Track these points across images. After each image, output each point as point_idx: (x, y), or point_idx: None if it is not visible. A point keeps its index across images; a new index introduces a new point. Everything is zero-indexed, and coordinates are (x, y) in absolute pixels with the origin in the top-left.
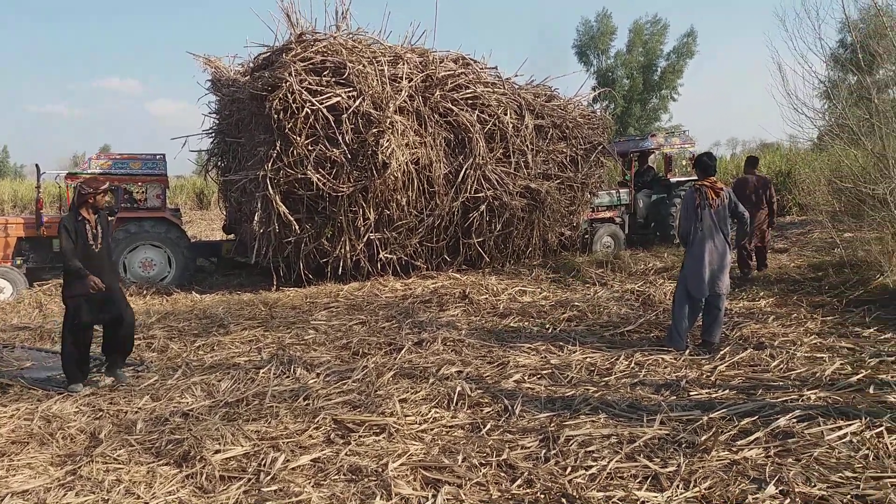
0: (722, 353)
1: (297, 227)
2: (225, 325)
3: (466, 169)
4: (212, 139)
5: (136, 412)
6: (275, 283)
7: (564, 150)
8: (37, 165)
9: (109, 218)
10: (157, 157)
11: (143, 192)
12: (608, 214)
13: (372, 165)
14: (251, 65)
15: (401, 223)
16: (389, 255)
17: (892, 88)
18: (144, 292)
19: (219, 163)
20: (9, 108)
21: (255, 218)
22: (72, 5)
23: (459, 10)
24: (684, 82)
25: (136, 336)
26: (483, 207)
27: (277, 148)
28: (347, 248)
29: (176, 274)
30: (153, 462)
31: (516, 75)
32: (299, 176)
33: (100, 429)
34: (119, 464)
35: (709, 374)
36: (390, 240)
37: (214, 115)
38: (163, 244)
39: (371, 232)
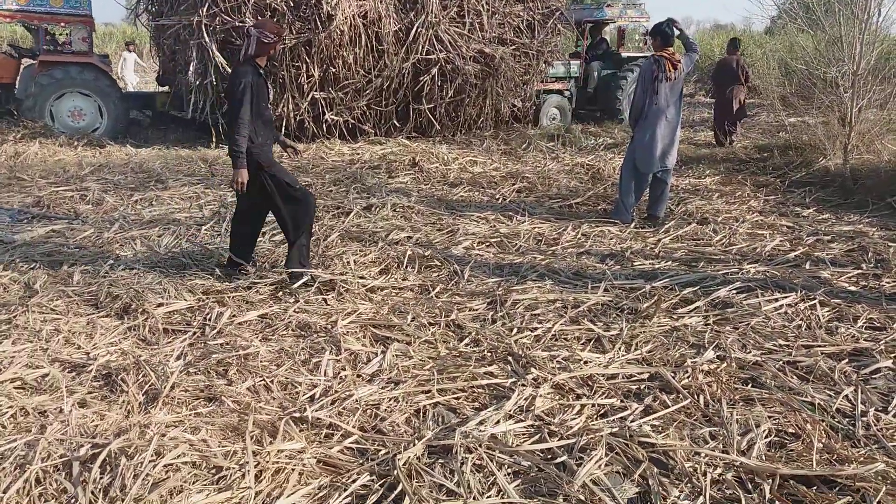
0: (666, 226)
1: None
2: (163, 181)
3: (418, 27)
4: None
5: (73, 264)
6: (214, 139)
7: (521, 13)
8: None
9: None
10: None
11: (66, 34)
12: (557, 86)
13: (316, 16)
14: None
15: (348, 83)
16: (336, 117)
17: None
18: (76, 143)
19: (149, 7)
20: None
21: (191, 69)
22: None
23: None
24: None
25: (68, 187)
26: (434, 71)
27: None
28: (291, 107)
29: (108, 125)
30: (93, 314)
31: None
32: (237, 24)
33: (34, 279)
34: (57, 314)
35: (653, 246)
36: (336, 100)
37: None
38: (93, 93)
39: (315, 90)
